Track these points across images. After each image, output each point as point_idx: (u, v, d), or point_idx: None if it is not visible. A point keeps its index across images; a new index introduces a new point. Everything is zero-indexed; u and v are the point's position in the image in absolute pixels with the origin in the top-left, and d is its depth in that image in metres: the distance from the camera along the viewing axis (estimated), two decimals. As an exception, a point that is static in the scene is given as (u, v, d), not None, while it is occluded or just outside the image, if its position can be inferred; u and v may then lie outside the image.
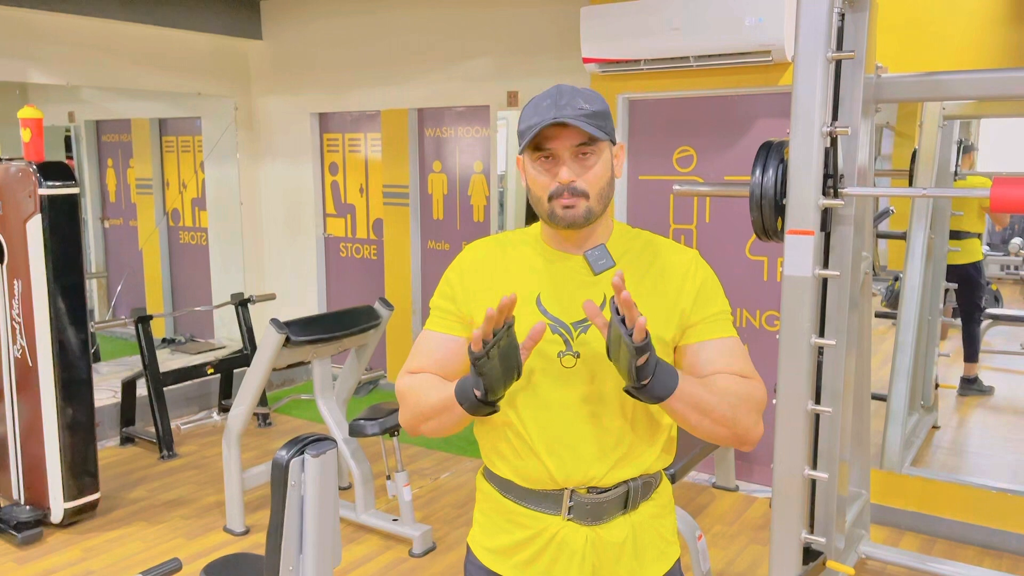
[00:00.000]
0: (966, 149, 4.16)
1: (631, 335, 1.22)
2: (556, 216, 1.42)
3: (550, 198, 1.41)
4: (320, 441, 1.89)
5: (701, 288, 1.48)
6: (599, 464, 1.44)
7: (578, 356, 1.43)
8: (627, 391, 1.33)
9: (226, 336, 6.38)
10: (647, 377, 1.28)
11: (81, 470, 3.72)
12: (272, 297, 5.44)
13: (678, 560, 1.58)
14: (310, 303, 6.13)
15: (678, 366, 1.48)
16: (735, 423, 1.39)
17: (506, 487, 1.52)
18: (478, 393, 1.33)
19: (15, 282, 3.60)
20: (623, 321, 1.24)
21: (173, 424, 4.78)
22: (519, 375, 1.34)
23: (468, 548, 1.62)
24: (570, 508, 1.46)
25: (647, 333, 1.23)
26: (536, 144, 1.41)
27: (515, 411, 1.45)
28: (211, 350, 6.10)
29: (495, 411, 1.38)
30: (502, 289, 1.48)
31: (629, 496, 1.48)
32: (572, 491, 1.46)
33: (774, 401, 2.45)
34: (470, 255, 1.57)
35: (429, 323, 1.56)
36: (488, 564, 1.55)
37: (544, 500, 1.48)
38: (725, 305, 1.51)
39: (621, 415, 1.45)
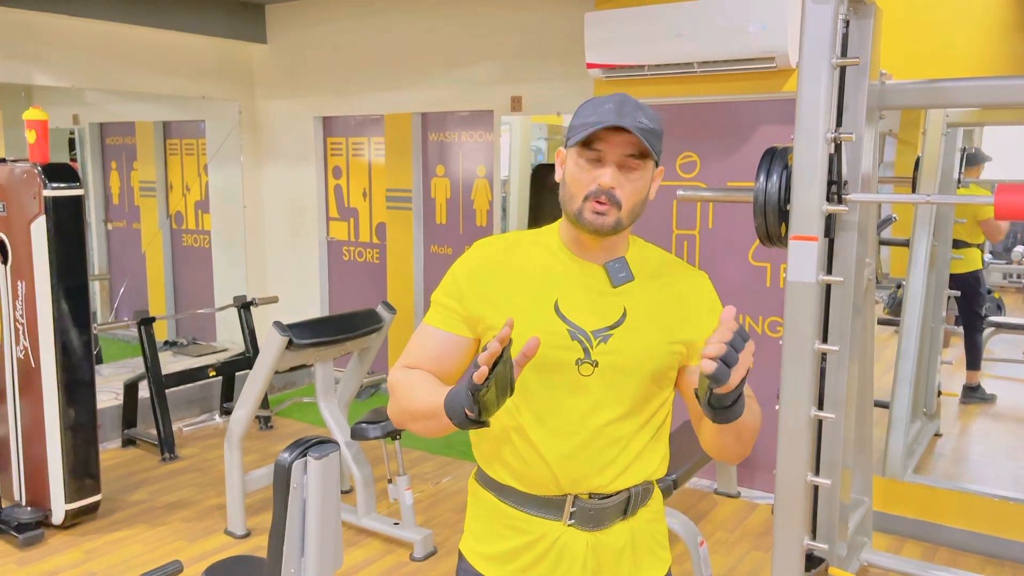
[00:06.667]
0: (974, 160, 4.15)
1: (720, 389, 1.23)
2: (584, 219, 1.40)
3: (585, 198, 1.40)
4: (323, 444, 1.89)
5: (712, 312, 1.48)
6: (606, 471, 1.43)
7: (596, 365, 1.41)
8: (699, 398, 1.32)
9: (228, 339, 6.38)
10: (728, 403, 1.28)
11: (83, 472, 3.72)
12: (275, 300, 5.45)
13: (669, 568, 1.58)
14: (312, 306, 6.13)
15: (683, 385, 1.49)
16: (750, 445, 1.45)
17: (504, 492, 1.49)
18: (471, 414, 1.26)
19: (19, 283, 3.61)
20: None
21: (175, 426, 4.78)
22: (511, 392, 1.27)
23: (460, 555, 1.59)
24: (572, 514, 1.45)
25: (735, 390, 1.24)
26: (587, 142, 1.39)
27: (525, 416, 1.43)
28: (213, 353, 6.10)
29: (486, 427, 1.30)
30: (516, 290, 1.45)
31: (630, 502, 1.47)
32: (575, 497, 1.44)
33: (777, 407, 2.45)
34: (479, 253, 1.52)
35: (430, 317, 1.51)
36: (484, 571, 1.52)
37: (545, 505, 1.46)
38: None
39: (633, 424, 1.44)
